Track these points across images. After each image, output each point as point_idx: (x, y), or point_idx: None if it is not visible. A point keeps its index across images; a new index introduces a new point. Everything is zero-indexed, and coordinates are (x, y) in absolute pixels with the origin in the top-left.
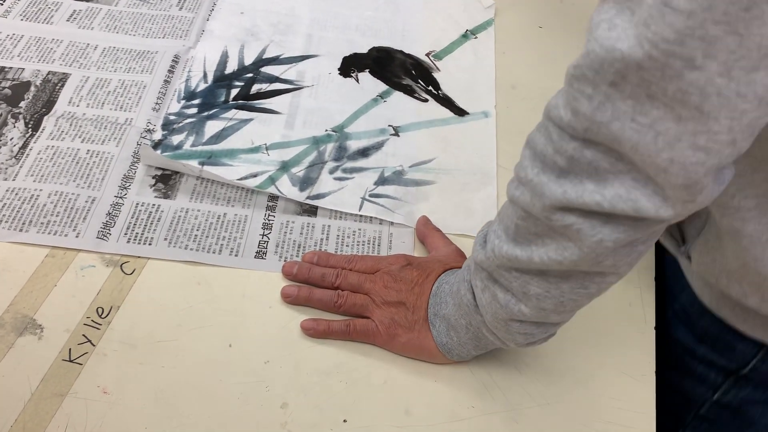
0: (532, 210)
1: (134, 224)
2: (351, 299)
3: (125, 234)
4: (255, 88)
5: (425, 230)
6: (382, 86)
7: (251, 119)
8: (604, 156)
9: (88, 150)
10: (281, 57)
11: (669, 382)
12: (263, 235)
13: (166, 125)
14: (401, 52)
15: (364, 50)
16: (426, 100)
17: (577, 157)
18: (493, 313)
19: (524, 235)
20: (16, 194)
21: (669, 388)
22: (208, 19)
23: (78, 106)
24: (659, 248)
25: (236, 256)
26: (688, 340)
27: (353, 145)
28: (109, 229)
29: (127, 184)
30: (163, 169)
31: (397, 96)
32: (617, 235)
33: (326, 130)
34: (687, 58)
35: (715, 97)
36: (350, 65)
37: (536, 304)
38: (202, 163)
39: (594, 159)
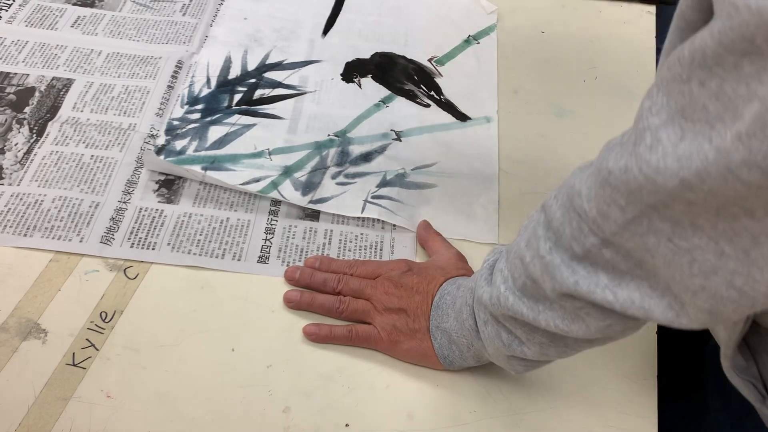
0: (542, 285)
1: (138, 229)
2: (352, 305)
3: (129, 239)
4: (258, 93)
5: (425, 234)
6: (384, 91)
7: (254, 124)
8: (623, 260)
9: (92, 155)
10: (284, 62)
11: None
12: (266, 239)
13: (170, 130)
14: (404, 57)
15: (367, 55)
16: (428, 105)
17: (595, 253)
18: (495, 348)
19: (532, 294)
20: (21, 199)
21: None
22: (211, 25)
23: (82, 111)
24: (716, 372)
25: (239, 260)
26: None
27: (356, 149)
28: (113, 234)
29: (131, 189)
30: (167, 174)
31: (400, 101)
32: (627, 321)
33: (329, 135)
34: (748, 209)
35: (767, 248)
36: (353, 70)
37: (540, 350)
38: (205, 168)
39: (612, 259)
